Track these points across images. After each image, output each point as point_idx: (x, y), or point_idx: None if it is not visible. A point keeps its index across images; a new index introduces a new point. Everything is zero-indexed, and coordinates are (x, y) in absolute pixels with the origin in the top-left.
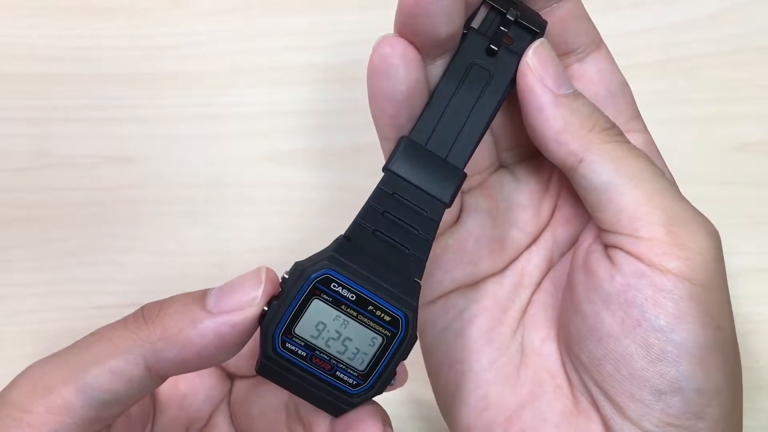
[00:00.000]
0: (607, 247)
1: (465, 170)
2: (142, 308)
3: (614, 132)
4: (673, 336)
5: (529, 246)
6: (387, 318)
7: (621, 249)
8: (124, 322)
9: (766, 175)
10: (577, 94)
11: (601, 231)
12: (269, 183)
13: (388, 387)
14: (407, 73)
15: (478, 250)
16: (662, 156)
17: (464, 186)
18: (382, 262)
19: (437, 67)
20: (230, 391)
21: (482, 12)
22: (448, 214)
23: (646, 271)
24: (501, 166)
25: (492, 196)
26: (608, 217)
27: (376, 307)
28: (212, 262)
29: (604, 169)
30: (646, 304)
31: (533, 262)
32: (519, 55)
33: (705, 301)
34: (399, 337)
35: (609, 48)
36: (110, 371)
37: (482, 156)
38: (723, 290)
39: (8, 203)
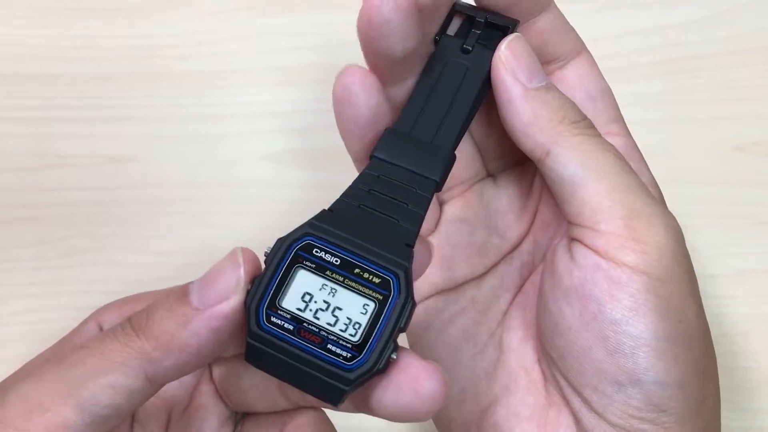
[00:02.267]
0: (571, 240)
1: (455, 153)
2: (130, 318)
3: (583, 125)
4: (629, 328)
5: (510, 251)
6: (376, 280)
7: (581, 242)
8: (113, 335)
9: (766, 175)
10: (549, 87)
11: (568, 224)
12: (269, 183)
13: (392, 360)
14: (368, 99)
15: (455, 257)
16: (662, 156)
17: (444, 195)
18: (368, 229)
19: (404, 91)
20: (210, 372)
21: (455, 23)
22: (427, 222)
23: (602, 263)
24: (488, 174)
25: (471, 205)
26: (573, 209)
27: (363, 269)
28: (212, 262)
29: (570, 162)
30: (603, 297)
31: (514, 265)
32: (493, 50)
33: (664, 295)
34: (392, 299)
35: (610, 48)
36: (109, 386)
37: (464, 168)
38: (685, 283)
39: (8, 203)
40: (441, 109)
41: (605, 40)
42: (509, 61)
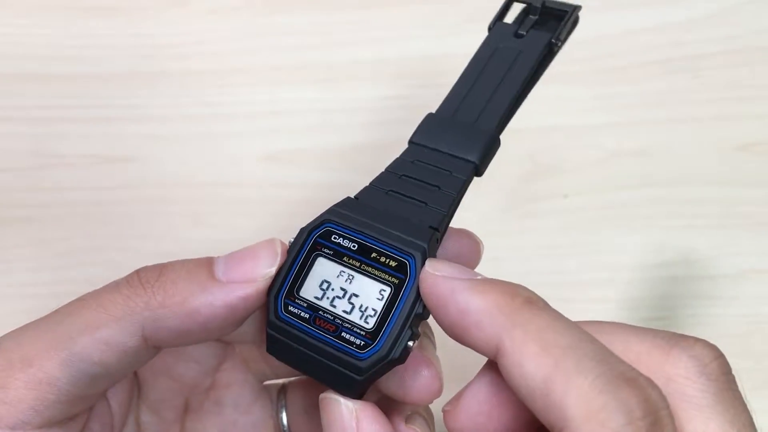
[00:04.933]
0: None
1: (500, 138)
2: (138, 271)
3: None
4: None
5: None
6: (393, 263)
7: None
8: (116, 286)
9: (766, 175)
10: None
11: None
12: (269, 183)
13: (411, 348)
14: None
15: None
16: (663, 156)
17: None
18: (393, 214)
19: None
20: (234, 351)
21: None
22: None
23: None
24: None
25: None
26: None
27: (380, 254)
28: None
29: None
30: None
31: None
32: (550, 31)
33: None
34: (408, 283)
35: (610, 48)
36: (102, 341)
37: None
38: None
39: (8, 203)
40: (487, 92)
41: (607, 40)
42: (434, 267)
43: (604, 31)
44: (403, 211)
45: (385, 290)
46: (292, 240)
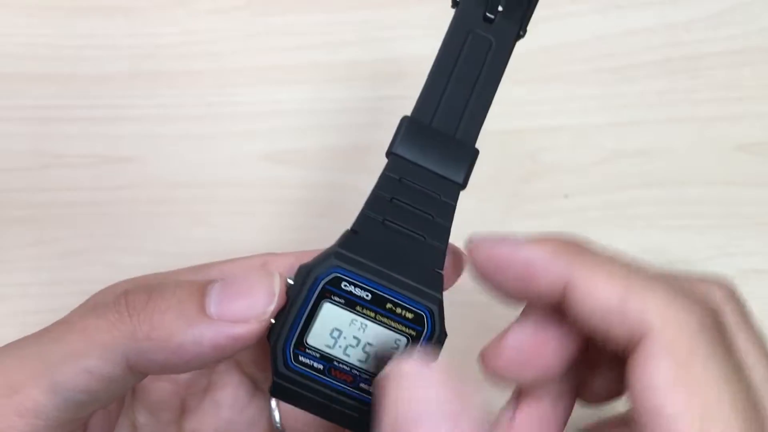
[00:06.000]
0: None
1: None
2: (126, 295)
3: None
4: None
5: None
6: (409, 315)
7: None
8: (104, 310)
9: (766, 175)
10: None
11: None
12: (269, 183)
13: None
14: None
15: None
16: (663, 156)
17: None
18: (396, 253)
19: None
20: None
21: None
22: None
23: None
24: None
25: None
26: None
27: (396, 305)
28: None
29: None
30: None
31: None
32: (517, 23)
33: None
34: (426, 335)
35: (609, 47)
36: (86, 370)
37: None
38: None
39: (8, 203)
40: (464, 93)
41: (607, 39)
42: (484, 238)
43: (605, 31)
44: (406, 250)
45: (401, 340)
46: (292, 280)
